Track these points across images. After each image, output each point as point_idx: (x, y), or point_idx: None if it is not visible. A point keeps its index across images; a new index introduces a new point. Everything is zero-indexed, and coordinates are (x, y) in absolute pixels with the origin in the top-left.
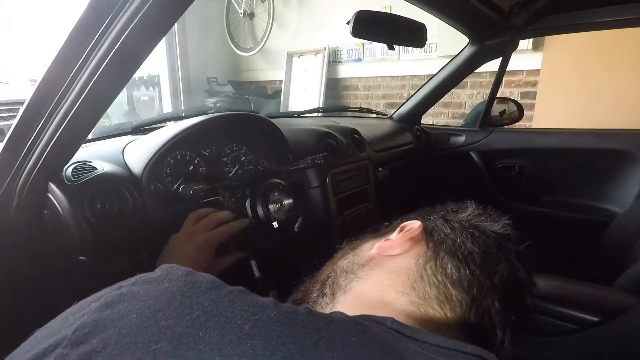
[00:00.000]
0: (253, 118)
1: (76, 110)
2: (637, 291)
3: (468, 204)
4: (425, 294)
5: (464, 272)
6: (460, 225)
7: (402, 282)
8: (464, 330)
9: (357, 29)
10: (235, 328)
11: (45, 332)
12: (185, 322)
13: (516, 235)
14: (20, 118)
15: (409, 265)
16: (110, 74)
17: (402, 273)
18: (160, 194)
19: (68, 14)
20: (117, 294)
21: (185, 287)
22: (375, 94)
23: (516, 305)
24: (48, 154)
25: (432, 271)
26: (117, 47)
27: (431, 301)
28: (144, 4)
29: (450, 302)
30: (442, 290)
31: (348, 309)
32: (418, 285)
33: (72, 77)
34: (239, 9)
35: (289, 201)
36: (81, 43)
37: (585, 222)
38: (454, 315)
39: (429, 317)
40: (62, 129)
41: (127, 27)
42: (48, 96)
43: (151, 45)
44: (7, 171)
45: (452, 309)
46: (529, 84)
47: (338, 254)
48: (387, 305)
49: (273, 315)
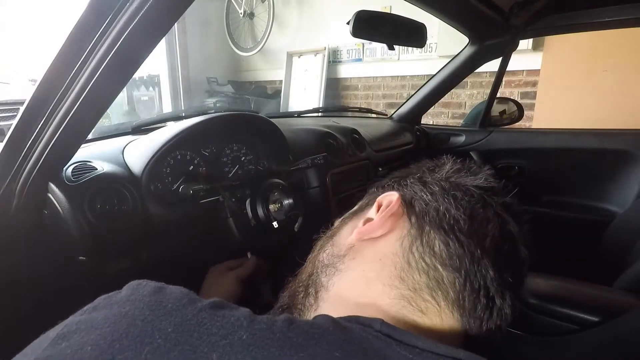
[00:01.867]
0: (253, 118)
1: (76, 110)
2: (637, 291)
3: (445, 159)
4: (415, 284)
5: (453, 246)
6: (440, 187)
7: (389, 272)
8: (461, 316)
9: (357, 29)
10: (202, 358)
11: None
12: (145, 354)
13: (500, 185)
14: (20, 118)
15: (393, 250)
16: (110, 74)
17: (387, 261)
18: (160, 194)
19: (68, 13)
20: (75, 322)
21: (149, 310)
22: (375, 94)
23: (511, 263)
24: (48, 154)
25: (420, 253)
26: (117, 47)
27: (422, 292)
28: (144, 4)
29: (441, 287)
30: (433, 276)
31: (333, 310)
32: (406, 275)
33: (72, 77)
34: (239, 9)
35: (289, 201)
36: (81, 43)
37: (585, 222)
38: (447, 302)
39: (421, 311)
40: (62, 129)
41: (127, 27)
42: (48, 96)
43: (151, 45)
44: (7, 171)
45: (444, 295)
46: (529, 84)
47: (317, 245)
48: (375, 302)
49: (245, 337)
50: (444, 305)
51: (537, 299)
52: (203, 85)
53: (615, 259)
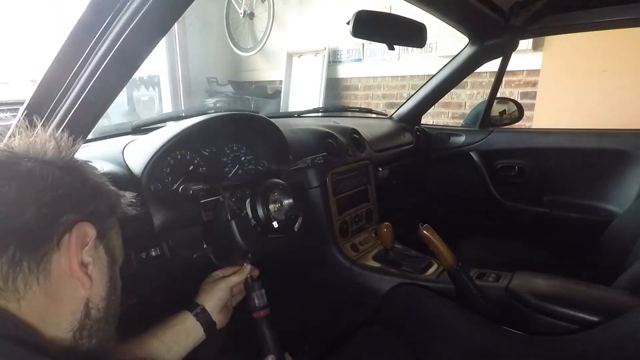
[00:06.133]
0: (253, 118)
1: (76, 110)
2: (637, 291)
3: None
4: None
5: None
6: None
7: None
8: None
9: (357, 29)
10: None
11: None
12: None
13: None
14: (20, 118)
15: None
16: (110, 74)
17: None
18: (160, 194)
19: (68, 13)
20: None
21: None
22: (375, 94)
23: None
24: None
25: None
26: (117, 47)
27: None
28: (144, 4)
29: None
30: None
31: None
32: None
33: (72, 77)
34: (239, 9)
35: (289, 201)
36: (81, 43)
37: (585, 222)
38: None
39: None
40: (61, 129)
41: (127, 27)
42: (48, 96)
43: (151, 45)
44: None
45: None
46: (529, 84)
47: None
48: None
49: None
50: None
51: (537, 299)
52: (203, 85)
53: (615, 259)
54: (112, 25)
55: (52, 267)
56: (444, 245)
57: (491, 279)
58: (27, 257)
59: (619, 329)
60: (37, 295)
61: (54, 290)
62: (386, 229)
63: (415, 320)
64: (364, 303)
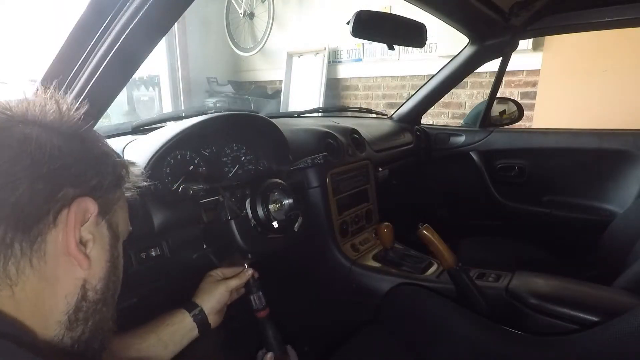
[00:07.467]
0: (253, 118)
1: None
2: (637, 291)
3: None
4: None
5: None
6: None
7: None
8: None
9: (357, 29)
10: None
11: None
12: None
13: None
14: None
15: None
16: (110, 74)
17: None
18: (160, 194)
19: (68, 13)
20: None
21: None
22: (375, 94)
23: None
24: None
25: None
26: (117, 47)
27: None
28: (144, 4)
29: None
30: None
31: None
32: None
33: (72, 77)
34: (239, 9)
35: (289, 201)
36: (81, 43)
37: (585, 222)
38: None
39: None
40: None
41: (127, 27)
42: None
43: (151, 45)
44: None
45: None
46: (529, 84)
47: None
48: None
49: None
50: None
51: (537, 299)
52: (203, 85)
53: (615, 259)
54: (112, 25)
55: (47, 247)
56: (444, 245)
57: (491, 279)
58: (18, 238)
59: (619, 329)
60: (31, 279)
61: (50, 272)
62: (386, 229)
63: (415, 320)
64: (364, 303)
